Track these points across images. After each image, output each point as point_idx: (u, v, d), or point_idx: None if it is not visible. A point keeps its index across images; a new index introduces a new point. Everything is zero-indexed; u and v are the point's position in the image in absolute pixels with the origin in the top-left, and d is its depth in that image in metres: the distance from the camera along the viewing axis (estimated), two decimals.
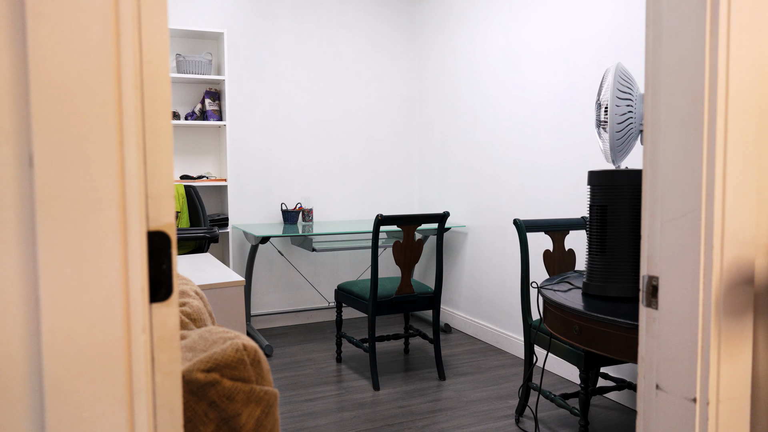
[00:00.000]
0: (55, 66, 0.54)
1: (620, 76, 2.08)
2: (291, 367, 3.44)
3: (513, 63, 3.62)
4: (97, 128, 0.55)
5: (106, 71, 0.56)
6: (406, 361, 3.54)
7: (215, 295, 2.14)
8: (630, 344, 1.58)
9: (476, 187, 4.01)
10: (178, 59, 3.82)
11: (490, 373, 3.34)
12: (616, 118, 2.05)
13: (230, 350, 0.84)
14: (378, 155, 4.64)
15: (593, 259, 1.89)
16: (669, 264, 0.99)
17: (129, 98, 0.58)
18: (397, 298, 3.14)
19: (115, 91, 0.57)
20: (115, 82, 0.57)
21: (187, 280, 1.26)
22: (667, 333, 1.00)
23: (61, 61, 0.54)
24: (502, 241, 3.76)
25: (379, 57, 4.60)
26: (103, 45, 0.56)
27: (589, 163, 3.08)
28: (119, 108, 0.57)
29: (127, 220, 0.58)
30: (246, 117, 4.18)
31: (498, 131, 3.77)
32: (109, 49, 0.57)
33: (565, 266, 2.77)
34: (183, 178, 3.93)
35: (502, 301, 3.78)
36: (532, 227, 2.73)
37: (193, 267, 2.47)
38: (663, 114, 0.99)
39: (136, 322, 0.59)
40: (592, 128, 3.06)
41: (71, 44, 0.54)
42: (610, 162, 2.19)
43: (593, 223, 1.90)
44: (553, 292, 1.96)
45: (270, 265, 4.33)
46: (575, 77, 3.15)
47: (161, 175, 0.72)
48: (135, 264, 0.59)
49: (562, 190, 3.26)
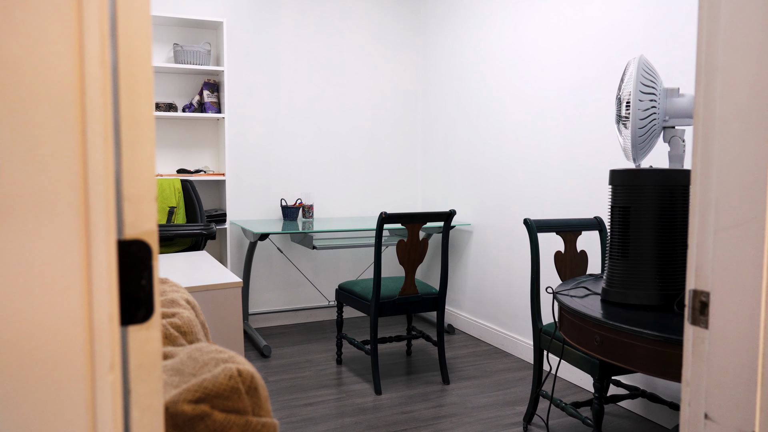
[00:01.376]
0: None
1: (643, 69, 1.96)
2: (290, 368, 3.33)
3: (521, 57, 3.50)
4: (48, 112, 0.43)
5: (62, 41, 0.44)
6: (409, 364, 3.43)
7: (211, 296, 2.02)
8: (657, 358, 1.47)
9: (481, 185, 3.89)
10: (175, 49, 3.69)
11: (495, 377, 3.22)
12: (639, 114, 1.93)
13: (222, 377, 0.72)
14: (381, 150, 4.52)
15: (614, 263, 1.77)
16: (723, 278, 0.87)
17: (94, 76, 0.46)
18: (400, 298, 3.02)
19: (76, 66, 0.45)
20: (75, 55, 0.45)
21: (177, 287, 1.14)
22: (719, 356, 0.88)
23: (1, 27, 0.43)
24: (509, 240, 3.64)
25: (383, 49, 4.47)
26: (58, 10, 0.44)
27: (600, 161, 2.96)
28: (80, 88, 0.45)
29: (90, 228, 0.46)
30: (245, 109, 4.05)
31: (504, 127, 3.65)
32: (68, 16, 0.44)
33: (577, 269, 2.65)
34: (180, 172, 3.81)
35: (507, 302, 3.66)
36: (544, 227, 2.61)
37: (189, 266, 2.36)
38: (719, 106, 0.86)
39: (101, 356, 0.47)
40: (604, 125, 2.94)
41: (14, 5, 0.42)
42: (630, 160, 2.07)
43: (614, 225, 1.78)
44: (569, 298, 1.84)
45: (269, 262, 4.21)
46: (586, 72, 3.02)
47: (141, 173, 0.60)
48: (100, 283, 0.47)
49: (572, 188, 3.14)
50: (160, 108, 3.70)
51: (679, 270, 1.71)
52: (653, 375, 1.47)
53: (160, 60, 3.81)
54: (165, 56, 3.83)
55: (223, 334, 2.05)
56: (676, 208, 1.71)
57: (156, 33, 3.80)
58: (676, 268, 1.71)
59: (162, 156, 3.86)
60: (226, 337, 2.06)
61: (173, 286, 1.14)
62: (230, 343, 2.06)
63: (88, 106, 0.46)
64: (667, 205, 1.71)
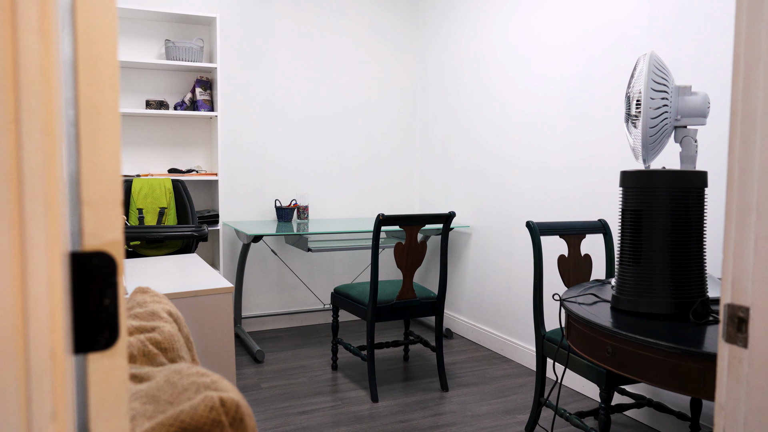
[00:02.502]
0: None
1: (655, 66, 1.87)
2: (283, 374, 3.23)
3: (522, 54, 3.41)
4: None
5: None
6: (406, 370, 3.33)
7: (201, 302, 1.92)
8: (673, 371, 1.38)
9: (481, 186, 3.80)
10: (167, 45, 3.59)
11: (495, 383, 3.13)
12: (650, 112, 1.84)
13: (202, 408, 0.63)
14: (378, 150, 4.43)
15: (625, 270, 1.68)
16: (764, 291, 0.78)
17: (30, 50, 0.36)
18: (398, 303, 2.93)
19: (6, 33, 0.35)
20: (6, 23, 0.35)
21: (159, 297, 1.04)
22: (761, 379, 0.79)
23: None
24: (509, 242, 3.55)
25: (381, 46, 4.38)
26: None
27: (604, 161, 2.87)
28: (12, 64, 0.35)
29: (25, 239, 0.37)
30: (239, 107, 3.95)
31: (505, 127, 3.56)
32: None
33: (581, 273, 2.56)
34: (171, 172, 3.71)
35: (507, 306, 3.57)
36: (547, 230, 2.52)
37: (178, 269, 2.26)
38: (761, 100, 0.78)
39: (40, 404, 0.38)
40: (609, 125, 2.85)
41: None
42: (638, 160, 1.98)
43: (626, 229, 1.69)
44: (578, 305, 1.75)
45: (263, 264, 4.11)
46: (590, 70, 2.94)
47: (103, 173, 0.51)
48: (39, 308, 0.38)
49: (574, 190, 3.05)
50: (151, 105, 3.60)
51: (693, 277, 1.62)
52: (670, 389, 1.38)
53: (151, 56, 3.70)
54: (156, 52, 3.73)
55: (213, 343, 1.95)
56: (690, 212, 1.63)
57: (147, 28, 3.69)
58: (690, 275, 1.62)
59: (153, 155, 3.75)
60: (216, 345, 1.96)
61: (154, 296, 1.04)
62: (221, 351, 1.96)
63: (23, 91, 0.36)
64: (681, 208, 1.62)
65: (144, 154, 3.73)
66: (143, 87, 3.71)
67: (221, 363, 1.97)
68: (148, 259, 2.46)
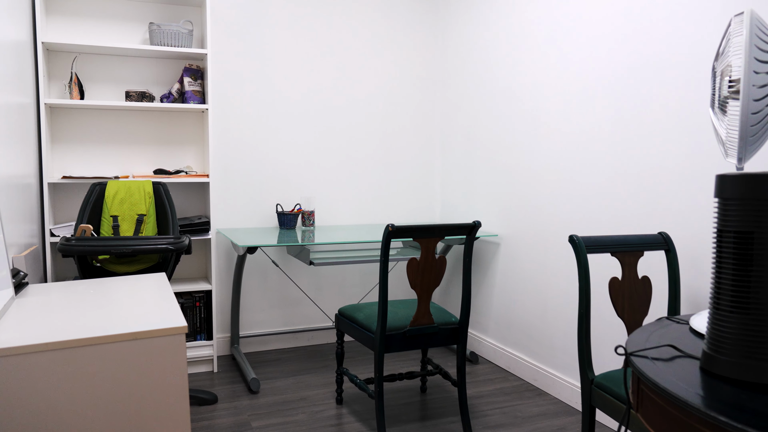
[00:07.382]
0: None
1: (758, 28, 1.34)
2: (280, 410, 2.77)
3: (559, 31, 2.88)
4: None
5: None
6: (423, 405, 2.84)
7: (145, 346, 1.46)
8: None
9: (511, 188, 3.28)
10: (151, 28, 3.15)
11: (528, 425, 2.62)
12: (753, 92, 1.32)
13: None
14: (392, 147, 3.93)
15: (724, 318, 1.17)
16: None
17: None
18: (411, 330, 2.44)
19: None
20: None
21: None
22: None
23: None
24: (543, 254, 3.03)
25: (394, 31, 3.88)
26: None
27: (663, 159, 2.33)
28: None
29: None
30: (234, 100, 3.49)
31: (538, 119, 3.03)
32: None
33: (638, 300, 2.04)
34: (157, 173, 3.27)
35: (542, 330, 3.05)
36: (595, 246, 2.00)
37: (132, 296, 1.80)
38: None
39: None
40: (670, 113, 2.31)
41: None
42: (730, 157, 1.45)
43: (725, 259, 1.17)
44: (652, 362, 1.24)
45: (263, 276, 3.65)
46: (648, 43, 2.40)
47: None
48: None
49: (625, 195, 2.52)
50: (132, 97, 3.16)
51: None
52: None
53: (133, 41, 3.27)
54: (139, 37, 3.29)
55: (162, 396, 1.49)
56: None
57: (128, 10, 3.26)
58: None
59: (136, 154, 3.32)
60: (166, 399, 1.50)
61: None
62: (171, 407, 1.50)
63: None
64: None
65: (125, 153, 3.30)
66: (124, 76, 3.28)
67: (174, 420, 1.51)
68: (103, 281, 2.01)
